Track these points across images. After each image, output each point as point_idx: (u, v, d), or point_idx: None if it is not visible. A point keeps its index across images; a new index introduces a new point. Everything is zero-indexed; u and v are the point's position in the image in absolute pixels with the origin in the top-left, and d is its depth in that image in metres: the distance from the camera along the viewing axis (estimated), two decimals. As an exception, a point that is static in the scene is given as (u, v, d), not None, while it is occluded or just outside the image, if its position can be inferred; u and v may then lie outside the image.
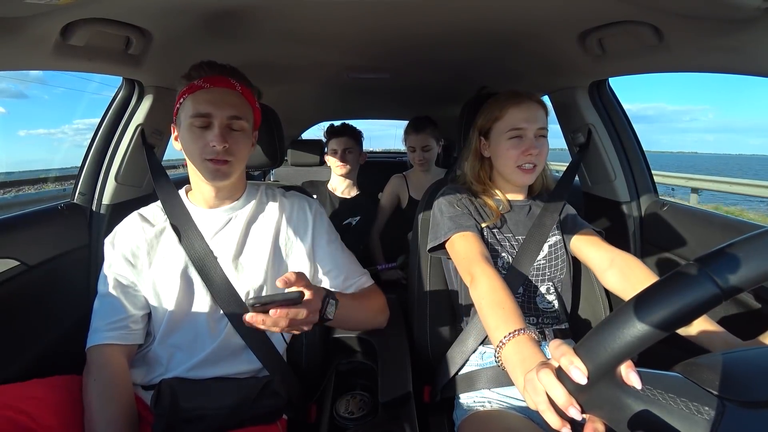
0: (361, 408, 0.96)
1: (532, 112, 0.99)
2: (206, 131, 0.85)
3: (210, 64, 0.88)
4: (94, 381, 0.81)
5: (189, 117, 0.85)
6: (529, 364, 0.59)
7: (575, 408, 0.47)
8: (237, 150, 0.88)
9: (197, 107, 0.85)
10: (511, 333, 0.67)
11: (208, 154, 0.85)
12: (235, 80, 0.89)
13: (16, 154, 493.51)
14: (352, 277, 1.02)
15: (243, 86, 0.90)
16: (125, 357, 0.87)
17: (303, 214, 1.00)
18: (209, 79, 0.86)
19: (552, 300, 1.03)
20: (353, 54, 1.25)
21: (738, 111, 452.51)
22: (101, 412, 0.78)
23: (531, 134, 0.98)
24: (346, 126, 2.00)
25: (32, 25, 0.71)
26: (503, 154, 1.01)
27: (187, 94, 0.86)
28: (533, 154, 0.97)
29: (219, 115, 0.85)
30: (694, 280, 0.41)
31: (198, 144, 0.85)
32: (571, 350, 0.47)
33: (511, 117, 1.00)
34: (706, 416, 0.41)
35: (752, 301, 0.91)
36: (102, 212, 1.20)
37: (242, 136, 0.89)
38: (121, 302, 0.89)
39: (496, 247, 1.01)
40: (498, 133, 1.02)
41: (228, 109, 0.86)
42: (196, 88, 0.85)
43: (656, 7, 0.76)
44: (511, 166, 1.00)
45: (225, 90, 0.87)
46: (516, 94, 1.01)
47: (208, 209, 0.94)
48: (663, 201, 1.25)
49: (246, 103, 0.90)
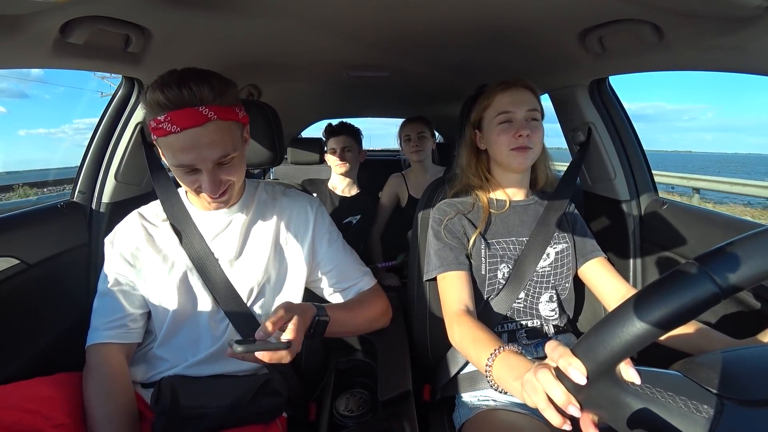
0: (360, 406, 0.96)
1: (519, 95, 0.98)
2: (195, 173, 0.79)
3: (169, 87, 0.73)
4: (93, 379, 0.82)
5: (172, 164, 0.79)
6: (519, 371, 0.62)
7: (575, 406, 0.47)
8: (232, 176, 0.83)
9: (176, 157, 0.76)
10: (492, 355, 0.72)
11: (203, 191, 0.81)
12: (205, 105, 0.74)
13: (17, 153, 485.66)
14: (352, 279, 1.02)
15: (215, 107, 0.75)
16: (124, 355, 0.87)
17: (303, 214, 0.99)
18: (175, 116, 0.73)
19: (554, 307, 1.02)
20: (353, 52, 1.25)
21: (737, 110, 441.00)
22: (100, 410, 0.78)
23: (520, 116, 0.97)
24: (344, 125, 2.00)
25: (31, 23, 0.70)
26: (495, 140, 0.99)
27: (157, 135, 0.76)
28: (524, 135, 0.95)
29: (203, 164, 0.77)
30: (693, 279, 0.41)
31: (189, 183, 0.81)
32: (569, 351, 0.48)
33: (498, 102, 0.99)
34: (705, 414, 0.41)
35: (751, 299, 0.91)
36: (102, 211, 1.20)
37: (234, 162, 0.82)
38: (120, 301, 0.88)
39: (494, 259, 1.00)
40: (489, 121, 1.01)
41: (209, 152, 0.76)
42: (166, 132, 0.74)
43: (657, 6, 0.75)
44: (505, 151, 0.98)
45: (198, 130, 0.74)
46: (502, 81, 1.01)
47: (208, 211, 0.93)
48: (663, 200, 1.25)
49: (226, 127, 0.78)
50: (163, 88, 0.74)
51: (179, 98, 0.73)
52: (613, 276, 1.01)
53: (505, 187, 1.06)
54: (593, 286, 1.04)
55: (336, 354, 1.12)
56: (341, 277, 1.01)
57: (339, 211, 1.95)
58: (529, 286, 1.00)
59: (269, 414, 0.87)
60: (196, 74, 0.77)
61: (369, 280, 1.04)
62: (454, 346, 0.90)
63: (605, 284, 1.00)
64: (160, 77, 0.77)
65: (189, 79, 0.75)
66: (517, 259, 1.00)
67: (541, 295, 1.02)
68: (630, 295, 0.45)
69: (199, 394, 0.82)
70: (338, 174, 1.98)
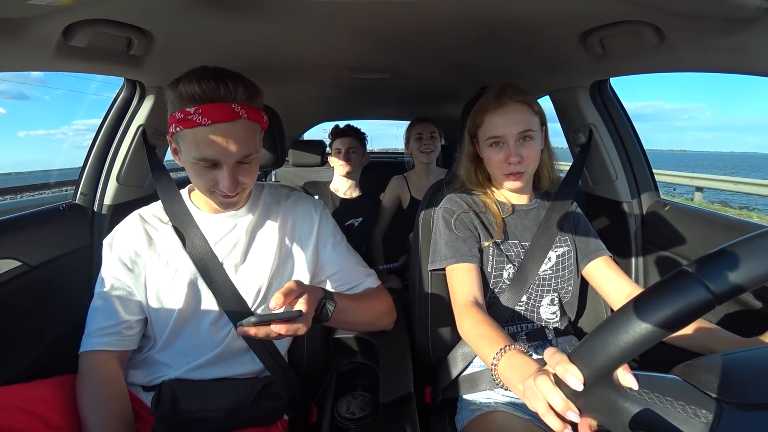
0: (362, 408, 0.96)
1: (511, 116, 0.95)
2: (213, 170, 0.79)
3: (204, 77, 0.75)
4: (86, 386, 0.81)
5: (192, 158, 0.78)
6: (524, 372, 0.63)
7: (574, 412, 0.48)
8: (248, 179, 0.83)
9: (201, 151, 0.76)
10: (499, 352, 0.72)
11: (217, 190, 0.81)
12: (237, 103, 0.76)
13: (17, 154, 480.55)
14: (357, 280, 1.02)
15: (247, 106, 0.78)
16: (118, 362, 0.86)
17: (308, 217, 0.99)
18: (207, 109, 0.74)
19: (555, 310, 1.02)
20: (355, 54, 1.25)
21: (736, 109, 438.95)
22: (93, 416, 0.77)
23: (511, 141, 0.95)
24: (350, 127, 2.03)
25: (34, 26, 0.71)
26: (488, 160, 1.00)
27: (182, 127, 0.76)
28: (513, 163, 0.94)
29: (227, 159, 0.77)
30: (686, 286, 0.41)
31: (205, 180, 0.80)
32: (566, 357, 0.48)
33: (489, 124, 0.97)
34: (703, 419, 0.41)
35: (752, 300, 0.90)
36: (104, 213, 1.21)
37: (252, 164, 0.83)
38: (116, 307, 0.87)
39: (500, 259, 1.00)
40: (482, 140, 1.01)
41: (235, 149, 0.77)
42: (194, 124, 0.74)
43: (657, 7, 0.75)
44: (498, 173, 1.00)
45: (228, 125, 0.75)
46: (497, 97, 0.97)
47: (212, 214, 0.93)
48: (664, 201, 1.24)
49: (253, 128, 0.80)
50: (200, 80, 0.75)
51: (215, 92, 0.75)
52: (618, 275, 1.00)
53: (506, 193, 1.06)
54: (598, 286, 1.03)
55: (337, 356, 1.12)
56: (346, 279, 1.01)
57: (341, 213, 1.95)
58: (531, 290, 1.00)
59: (270, 417, 0.86)
60: (230, 73, 0.78)
61: (374, 281, 1.04)
62: (463, 337, 0.90)
63: (610, 283, 1.00)
64: (193, 71, 0.77)
65: (226, 76, 0.77)
66: (521, 263, 1.00)
67: (542, 299, 1.01)
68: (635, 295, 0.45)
69: (200, 398, 0.82)
70: (341, 175, 1.99)
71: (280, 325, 0.67)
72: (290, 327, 0.68)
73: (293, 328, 0.68)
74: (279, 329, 0.66)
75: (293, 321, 0.69)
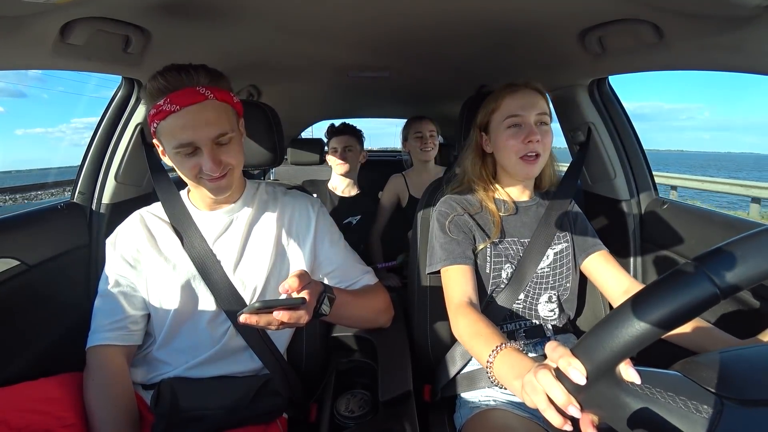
0: (361, 407, 0.96)
1: (529, 98, 0.96)
2: (195, 156, 0.81)
3: (169, 72, 0.79)
4: (93, 381, 0.81)
5: (172, 148, 0.80)
6: (519, 370, 0.62)
7: (575, 406, 0.47)
8: (231, 159, 0.84)
9: (176, 137, 0.79)
10: (494, 351, 0.72)
11: (203, 175, 0.82)
12: (201, 86, 0.79)
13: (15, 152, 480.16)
14: (354, 277, 1.02)
15: (211, 88, 0.81)
16: (125, 357, 0.87)
17: (305, 215, 0.99)
18: (175, 97, 0.77)
19: (553, 307, 1.02)
20: (353, 52, 1.25)
21: (735, 109, 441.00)
22: (101, 412, 0.78)
23: (530, 120, 0.95)
24: (346, 125, 2.02)
25: (31, 24, 0.71)
26: (504, 145, 0.98)
27: (157, 120, 0.80)
28: (534, 141, 0.93)
29: (202, 140, 0.79)
30: (691, 280, 0.41)
31: (189, 168, 0.82)
32: (569, 351, 0.48)
33: (508, 105, 0.97)
34: (704, 414, 0.41)
35: (751, 299, 0.91)
36: (102, 211, 1.20)
37: (232, 144, 0.84)
38: (121, 303, 0.88)
39: (498, 259, 1.00)
40: (497, 125, 0.99)
41: (208, 129, 0.79)
42: (166, 114, 0.78)
43: (656, 5, 0.75)
44: (514, 158, 0.97)
45: (196, 107, 0.78)
46: (511, 84, 0.99)
47: (209, 211, 0.93)
48: (663, 199, 1.25)
49: (223, 108, 0.82)
50: (164, 74, 0.79)
51: (178, 80, 0.78)
52: (615, 269, 1.00)
53: (509, 190, 1.06)
54: (596, 280, 1.03)
55: (336, 354, 1.12)
56: (343, 276, 1.01)
57: (339, 211, 1.95)
58: (529, 287, 1.00)
59: (269, 415, 0.87)
60: (192, 64, 0.82)
61: (371, 278, 1.04)
62: (458, 338, 0.90)
63: (608, 278, 1.00)
64: (158, 71, 0.82)
65: (187, 66, 0.81)
66: (520, 260, 1.00)
67: (540, 296, 1.01)
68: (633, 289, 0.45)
69: (199, 396, 0.82)
70: (339, 174, 1.99)
71: (283, 312, 0.65)
72: (293, 314, 0.66)
73: (296, 315, 0.67)
74: (282, 316, 0.64)
75: (296, 309, 0.67)
